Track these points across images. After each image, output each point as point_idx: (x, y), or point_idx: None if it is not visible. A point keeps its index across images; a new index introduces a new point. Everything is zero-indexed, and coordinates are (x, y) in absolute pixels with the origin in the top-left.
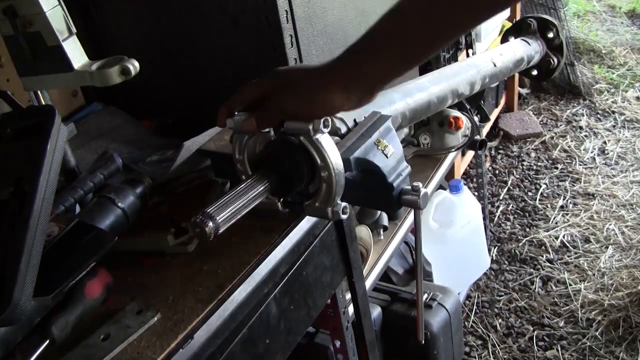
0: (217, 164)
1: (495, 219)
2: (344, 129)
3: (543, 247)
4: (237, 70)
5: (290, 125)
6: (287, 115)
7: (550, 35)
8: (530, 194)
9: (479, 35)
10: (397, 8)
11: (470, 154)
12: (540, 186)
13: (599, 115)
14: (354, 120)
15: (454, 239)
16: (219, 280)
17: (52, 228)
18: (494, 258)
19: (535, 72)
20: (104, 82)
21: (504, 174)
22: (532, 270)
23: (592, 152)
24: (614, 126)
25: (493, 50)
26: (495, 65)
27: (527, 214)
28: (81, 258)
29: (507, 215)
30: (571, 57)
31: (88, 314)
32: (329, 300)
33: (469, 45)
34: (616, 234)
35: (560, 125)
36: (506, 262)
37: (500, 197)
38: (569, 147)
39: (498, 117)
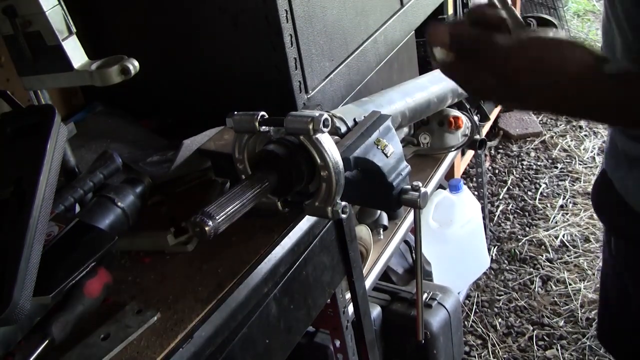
0: (217, 163)
1: (495, 218)
2: (343, 129)
3: (543, 247)
4: (236, 70)
5: (290, 124)
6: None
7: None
8: (530, 193)
9: None
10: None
11: (470, 153)
12: (540, 185)
13: None
14: (354, 119)
15: (453, 238)
16: (218, 280)
17: (52, 228)
18: (493, 257)
19: None
20: (103, 82)
21: (503, 174)
22: (531, 269)
23: (591, 152)
24: None
25: None
26: None
27: (526, 214)
28: (81, 258)
29: (507, 215)
30: None
31: (88, 314)
32: (329, 300)
33: None
34: None
35: (560, 125)
36: (506, 261)
37: (500, 197)
38: (569, 146)
39: (498, 117)
